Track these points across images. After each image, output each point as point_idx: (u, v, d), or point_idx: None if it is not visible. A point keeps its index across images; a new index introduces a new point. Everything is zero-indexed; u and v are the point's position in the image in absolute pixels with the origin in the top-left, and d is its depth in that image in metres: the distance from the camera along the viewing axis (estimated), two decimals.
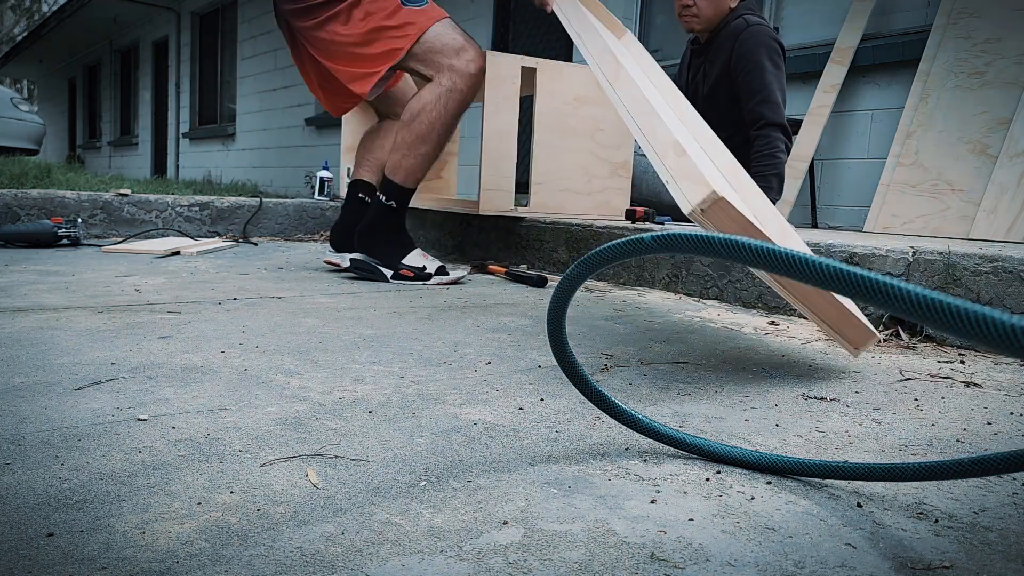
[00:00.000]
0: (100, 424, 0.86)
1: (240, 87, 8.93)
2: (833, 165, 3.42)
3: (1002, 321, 0.42)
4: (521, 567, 0.58)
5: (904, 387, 1.19)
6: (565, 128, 2.79)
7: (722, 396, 1.09)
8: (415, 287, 2.12)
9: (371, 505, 0.68)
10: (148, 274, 2.16)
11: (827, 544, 0.64)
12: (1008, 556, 0.63)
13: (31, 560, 0.56)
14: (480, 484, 0.73)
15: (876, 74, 3.27)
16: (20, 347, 1.21)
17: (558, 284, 0.72)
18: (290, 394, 1.02)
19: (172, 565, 0.56)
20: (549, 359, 1.29)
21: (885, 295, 0.47)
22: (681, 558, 0.60)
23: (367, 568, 0.56)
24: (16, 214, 3.10)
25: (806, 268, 0.51)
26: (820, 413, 1.02)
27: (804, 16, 3.58)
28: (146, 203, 3.42)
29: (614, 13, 2.09)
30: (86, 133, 15.32)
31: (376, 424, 0.91)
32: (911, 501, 0.73)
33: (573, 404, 1.02)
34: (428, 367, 1.20)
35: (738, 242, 0.55)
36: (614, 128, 2.89)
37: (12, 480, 0.70)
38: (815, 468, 0.76)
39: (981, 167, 2.73)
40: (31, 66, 17.39)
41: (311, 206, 3.89)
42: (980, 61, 2.82)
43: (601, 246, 0.65)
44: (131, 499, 0.67)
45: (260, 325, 1.47)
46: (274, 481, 0.72)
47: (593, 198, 2.91)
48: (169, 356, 1.20)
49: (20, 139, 8.10)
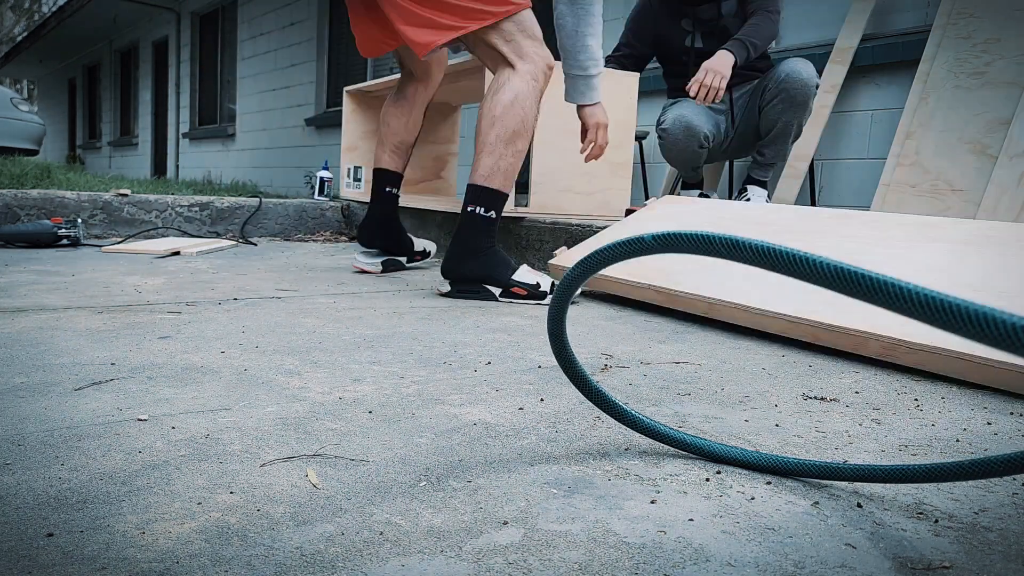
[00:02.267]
0: (100, 424, 0.86)
1: (240, 87, 8.93)
2: (833, 165, 3.42)
3: (1002, 320, 0.42)
4: (521, 567, 0.58)
5: (904, 387, 1.18)
6: (565, 128, 2.79)
7: (722, 396, 1.09)
8: (417, 287, 2.12)
9: (371, 505, 0.68)
10: (148, 274, 2.16)
11: (827, 544, 0.64)
12: (1008, 556, 0.63)
13: (31, 560, 0.55)
14: (480, 484, 0.73)
15: (876, 74, 3.27)
16: (20, 347, 1.21)
17: (558, 284, 0.72)
18: (290, 394, 1.02)
19: (172, 565, 0.56)
20: (549, 359, 1.28)
21: (885, 294, 0.47)
22: (681, 558, 0.60)
23: (367, 568, 0.56)
24: (16, 214, 3.10)
25: (806, 267, 0.51)
26: (820, 413, 1.02)
27: (804, 16, 3.58)
28: (146, 203, 3.42)
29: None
30: (86, 133, 15.32)
31: (376, 424, 0.91)
32: (911, 501, 0.73)
33: (573, 404, 1.02)
34: (428, 367, 1.20)
35: (738, 241, 0.55)
36: (614, 128, 2.88)
37: (12, 480, 0.70)
38: (815, 469, 0.76)
39: (981, 167, 2.73)
40: (31, 66, 17.40)
41: (311, 206, 3.89)
42: (980, 61, 2.82)
43: (601, 246, 0.65)
44: (131, 499, 0.67)
45: (260, 325, 1.47)
46: (274, 481, 0.72)
47: (593, 198, 2.91)
48: (169, 356, 1.20)
49: (20, 139, 8.10)
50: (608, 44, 4.18)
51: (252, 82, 8.66)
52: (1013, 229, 1.51)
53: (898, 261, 1.51)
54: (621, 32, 3.21)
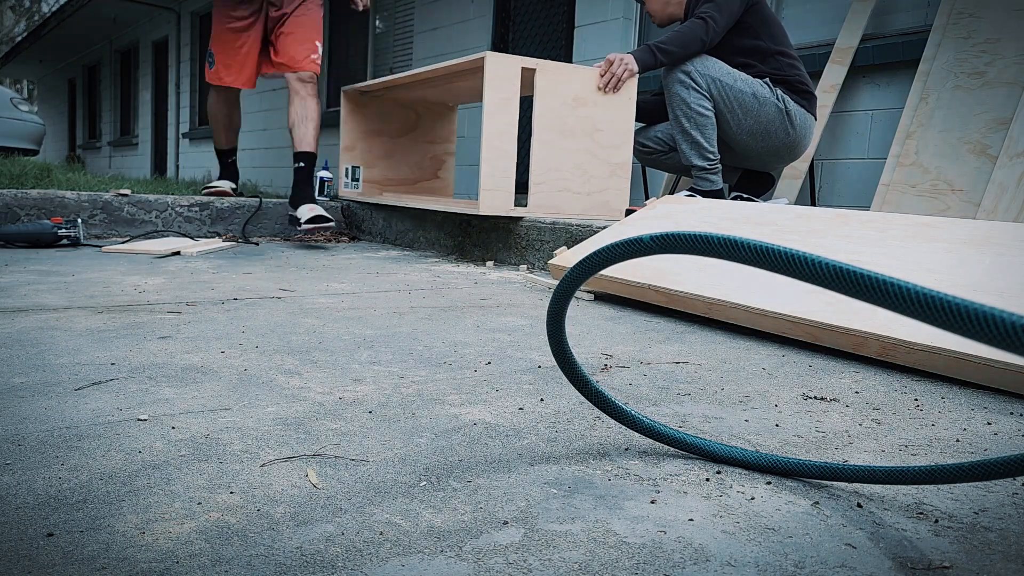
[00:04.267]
0: (100, 424, 0.86)
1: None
2: (833, 165, 3.42)
3: (1002, 319, 0.42)
4: (521, 567, 0.57)
5: (904, 387, 1.18)
6: (564, 128, 2.79)
7: (722, 396, 1.09)
8: (417, 287, 2.12)
9: (371, 505, 0.68)
10: (148, 274, 2.16)
11: (827, 544, 0.64)
12: (1008, 556, 0.63)
13: (31, 560, 0.55)
14: (480, 484, 0.73)
15: (876, 74, 3.27)
16: (20, 347, 1.21)
17: (558, 285, 0.72)
18: (290, 394, 1.02)
19: (172, 565, 0.56)
20: (549, 359, 1.28)
21: (885, 294, 0.47)
22: (681, 558, 0.60)
23: (367, 568, 0.56)
24: (16, 214, 3.10)
25: (806, 267, 0.51)
26: (820, 413, 1.02)
27: (804, 16, 3.58)
28: (146, 203, 3.42)
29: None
30: (86, 133, 15.32)
31: (376, 424, 0.90)
32: (911, 501, 0.73)
33: (573, 404, 1.02)
34: (428, 367, 1.20)
35: (737, 242, 0.55)
36: (612, 128, 2.89)
37: (12, 480, 0.70)
38: (815, 469, 0.76)
39: (981, 167, 2.73)
40: (31, 66, 17.39)
41: None
42: (980, 61, 2.82)
43: (600, 247, 0.65)
44: (131, 499, 0.67)
45: (260, 325, 1.47)
46: (274, 481, 0.72)
47: (592, 198, 2.91)
48: (169, 356, 1.20)
49: (20, 139, 8.10)
50: (613, 47, 4.18)
51: None
52: (1013, 229, 1.51)
53: (898, 261, 1.51)
54: (622, 32, 3.20)
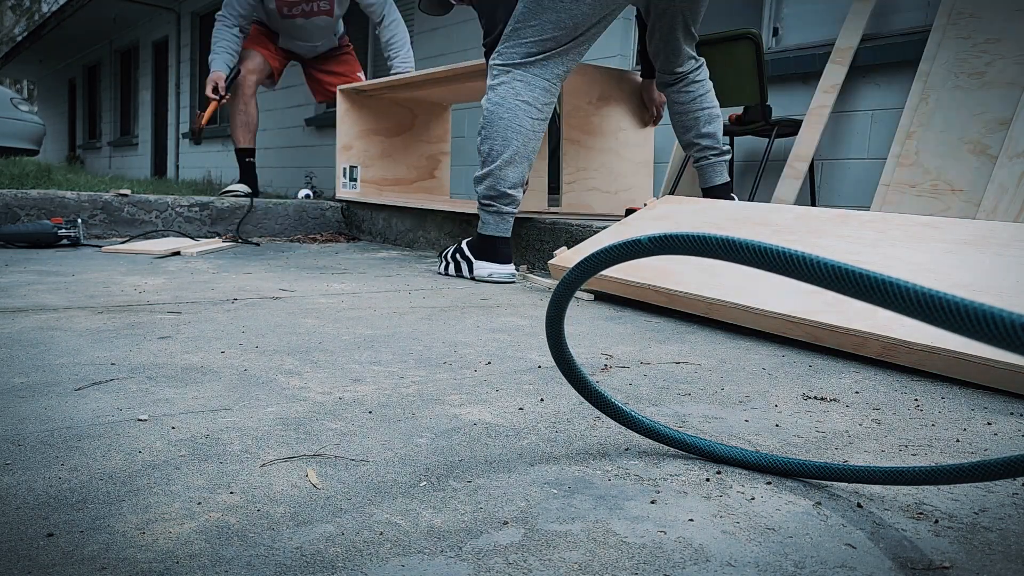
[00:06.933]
0: (100, 424, 0.86)
1: None
2: (833, 165, 3.42)
3: (1002, 318, 0.42)
4: (521, 567, 0.57)
5: (904, 387, 1.18)
6: (592, 130, 2.83)
7: (722, 396, 1.09)
8: (417, 287, 2.12)
9: (371, 505, 0.68)
10: (148, 274, 2.16)
11: (827, 544, 0.64)
12: (1008, 556, 0.63)
13: (31, 560, 0.55)
14: (480, 484, 0.73)
15: (876, 74, 3.27)
16: (20, 347, 1.21)
17: (557, 286, 0.72)
18: (290, 394, 1.02)
19: (172, 565, 0.56)
20: (549, 359, 1.28)
21: (885, 293, 0.47)
22: (681, 558, 0.60)
23: (367, 568, 0.56)
24: (16, 214, 3.10)
25: (805, 267, 0.51)
26: (820, 413, 1.02)
27: (804, 16, 3.58)
28: (146, 203, 3.42)
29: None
30: (86, 133, 15.31)
31: (376, 424, 0.90)
32: (911, 501, 0.73)
33: (573, 404, 1.02)
34: (428, 367, 1.20)
35: (736, 242, 0.55)
36: (634, 126, 2.93)
37: (12, 480, 0.70)
38: (815, 469, 0.76)
39: (981, 167, 2.73)
40: (31, 66, 17.39)
41: (311, 206, 3.88)
42: (980, 61, 2.82)
43: (599, 248, 0.65)
44: (131, 499, 0.67)
45: (260, 325, 1.47)
46: (274, 481, 0.72)
47: (618, 197, 2.95)
48: (169, 356, 1.20)
49: (20, 139, 8.10)
50: (612, 43, 4.18)
51: None
52: (1013, 229, 1.51)
53: (898, 261, 1.51)
54: (622, 32, 3.20)
